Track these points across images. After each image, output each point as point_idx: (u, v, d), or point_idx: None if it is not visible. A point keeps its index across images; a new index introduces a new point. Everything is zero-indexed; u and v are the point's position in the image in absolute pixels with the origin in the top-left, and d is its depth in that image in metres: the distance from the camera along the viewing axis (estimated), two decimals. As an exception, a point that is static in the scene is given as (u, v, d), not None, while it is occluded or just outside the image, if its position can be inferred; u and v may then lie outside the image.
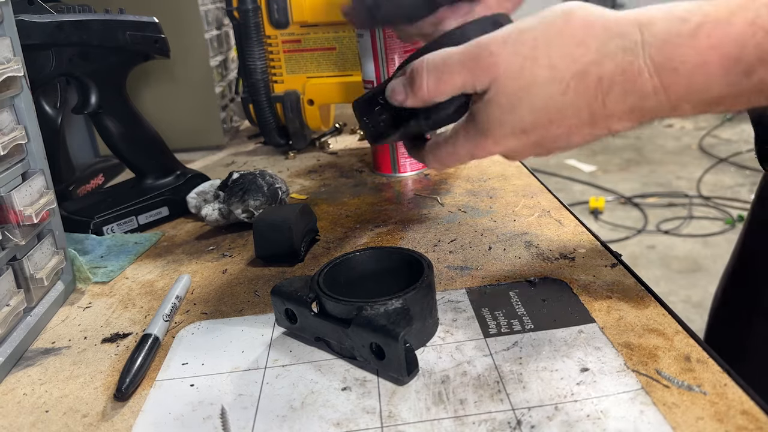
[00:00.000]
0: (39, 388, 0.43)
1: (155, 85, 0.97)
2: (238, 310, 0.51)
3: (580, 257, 0.54)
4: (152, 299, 0.55)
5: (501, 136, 0.41)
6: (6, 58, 0.48)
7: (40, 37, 0.62)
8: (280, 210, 0.61)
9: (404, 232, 0.63)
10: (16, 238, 0.48)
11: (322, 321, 0.43)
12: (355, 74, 0.89)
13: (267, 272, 0.57)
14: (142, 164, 0.75)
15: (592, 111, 0.38)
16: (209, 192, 0.69)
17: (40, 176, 0.52)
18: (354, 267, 0.48)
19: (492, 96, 0.40)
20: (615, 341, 0.41)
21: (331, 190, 0.78)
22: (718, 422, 0.34)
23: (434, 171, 0.48)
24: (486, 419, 0.35)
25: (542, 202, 0.66)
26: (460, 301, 0.48)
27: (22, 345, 0.48)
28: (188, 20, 0.93)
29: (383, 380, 0.40)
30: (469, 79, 0.40)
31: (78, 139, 0.95)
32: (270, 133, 0.93)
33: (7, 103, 0.50)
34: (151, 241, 0.67)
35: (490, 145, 0.42)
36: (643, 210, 3.12)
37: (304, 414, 0.38)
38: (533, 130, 0.40)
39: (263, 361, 0.44)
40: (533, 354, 0.41)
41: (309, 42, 0.89)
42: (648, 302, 0.46)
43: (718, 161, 3.62)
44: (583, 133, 0.40)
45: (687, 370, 0.38)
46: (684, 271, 2.53)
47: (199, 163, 0.95)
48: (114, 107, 0.71)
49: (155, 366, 0.44)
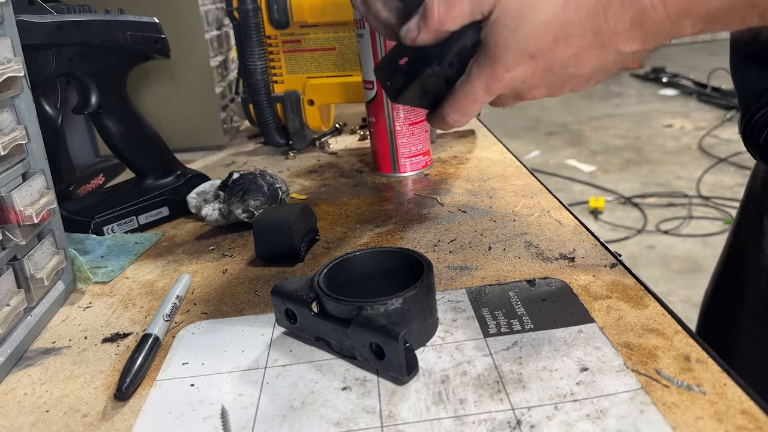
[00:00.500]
0: (39, 388, 0.43)
1: (155, 85, 0.97)
2: (238, 310, 0.51)
3: (580, 257, 0.54)
4: (152, 299, 0.55)
5: (510, 61, 0.42)
6: (6, 59, 0.49)
7: (40, 37, 0.62)
8: (280, 210, 0.61)
9: (404, 232, 0.63)
10: (17, 238, 0.48)
11: (322, 321, 0.43)
12: (355, 74, 0.89)
13: (267, 272, 0.57)
14: (142, 164, 0.75)
15: (595, 27, 0.39)
16: (209, 192, 0.69)
17: (40, 176, 0.52)
18: (354, 267, 0.48)
19: (496, 16, 0.41)
20: (615, 341, 0.41)
21: (331, 190, 0.78)
22: (718, 422, 0.34)
23: (458, 126, 0.48)
24: (486, 419, 0.36)
25: (542, 202, 0.66)
26: (460, 301, 0.48)
27: (23, 345, 0.48)
28: (188, 20, 0.93)
29: (383, 380, 0.40)
30: (475, 3, 0.41)
31: (78, 139, 0.95)
32: (270, 133, 0.93)
33: (7, 103, 0.50)
34: (152, 241, 0.67)
35: (501, 71, 0.42)
36: (642, 210, 3.12)
37: (304, 414, 0.38)
38: (540, 53, 0.41)
39: (263, 360, 0.44)
40: (533, 354, 0.41)
41: (309, 42, 0.89)
42: (647, 302, 0.46)
43: (717, 161, 3.62)
44: (592, 57, 0.41)
45: (686, 369, 0.38)
46: (683, 271, 2.53)
47: (200, 163, 0.95)
48: (114, 107, 0.71)
49: (155, 366, 0.44)
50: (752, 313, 0.70)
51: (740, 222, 0.76)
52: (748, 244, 0.72)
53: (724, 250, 0.78)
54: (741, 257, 0.74)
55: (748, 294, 0.71)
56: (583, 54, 0.41)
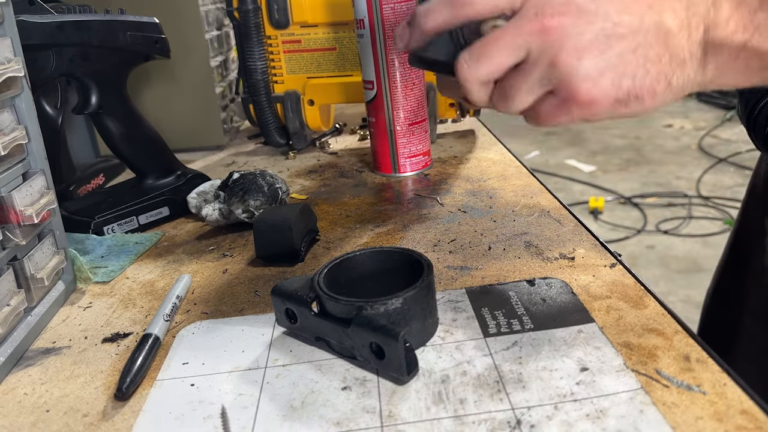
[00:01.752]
0: (39, 388, 0.43)
1: (155, 85, 0.97)
2: (238, 310, 0.51)
3: (580, 257, 0.54)
4: (153, 299, 0.55)
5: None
6: (6, 59, 0.49)
7: (40, 37, 0.62)
8: (280, 210, 0.61)
9: (404, 232, 0.63)
10: (17, 238, 0.48)
11: (322, 321, 0.43)
12: (355, 74, 0.89)
13: (267, 272, 0.57)
14: (142, 164, 0.75)
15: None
16: (210, 192, 0.69)
17: (40, 176, 0.52)
18: (354, 267, 0.48)
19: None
20: (614, 341, 0.41)
21: (331, 190, 0.78)
22: (718, 422, 0.34)
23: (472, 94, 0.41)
24: (486, 419, 0.36)
25: (542, 202, 0.66)
26: (460, 301, 0.48)
27: (23, 345, 0.48)
28: (188, 20, 0.93)
29: (383, 380, 0.40)
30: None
31: (78, 139, 0.95)
32: (270, 133, 0.93)
33: (7, 103, 0.50)
34: (152, 241, 0.67)
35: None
36: (642, 210, 3.12)
37: (304, 413, 0.38)
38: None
39: (263, 360, 0.44)
40: (533, 354, 0.41)
41: (309, 42, 0.89)
42: (647, 302, 0.46)
43: (717, 161, 3.62)
44: (635, 11, 0.36)
45: (686, 369, 0.38)
46: (683, 270, 2.53)
47: (200, 163, 0.95)
48: (114, 107, 0.71)
49: (156, 366, 0.44)
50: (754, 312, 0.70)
51: (742, 221, 0.76)
52: (751, 244, 0.72)
53: (725, 249, 0.78)
54: (743, 256, 0.74)
55: (750, 293, 0.71)
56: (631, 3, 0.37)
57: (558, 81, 0.38)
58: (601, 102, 0.37)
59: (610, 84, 0.37)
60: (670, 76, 0.37)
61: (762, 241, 0.69)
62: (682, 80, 0.38)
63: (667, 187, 3.37)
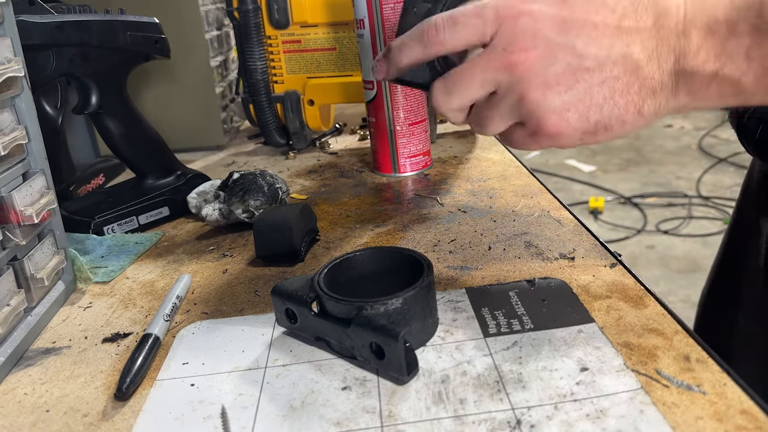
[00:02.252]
0: (39, 388, 0.43)
1: (155, 85, 0.97)
2: (238, 310, 0.51)
3: (580, 257, 0.54)
4: (153, 299, 0.55)
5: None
6: (6, 59, 0.49)
7: (40, 37, 0.62)
8: (280, 210, 0.61)
9: (404, 232, 0.63)
10: (17, 238, 0.48)
11: (322, 321, 0.43)
12: (355, 74, 0.89)
13: (267, 272, 0.57)
14: (142, 164, 0.75)
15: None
16: (210, 192, 0.70)
17: (40, 176, 0.52)
18: (354, 267, 0.48)
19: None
20: (614, 341, 0.41)
21: (331, 190, 0.78)
22: (718, 422, 0.34)
23: (451, 115, 0.43)
24: (486, 419, 0.36)
25: (542, 202, 0.66)
26: (460, 301, 0.48)
27: (23, 345, 0.48)
28: (188, 20, 0.93)
29: (383, 380, 0.40)
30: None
31: (78, 139, 0.95)
32: (270, 133, 0.93)
33: (7, 103, 0.50)
34: (152, 241, 0.67)
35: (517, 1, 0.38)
36: (642, 210, 3.12)
37: (304, 413, 0.38)
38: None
39: (263, 360, 0.44)
40: (533, 354, 0.41)
41: (309, 42, 0.89)
42: (647, 302, 0.46)
43: (717, 161, 3.62)
44: (605, 36, 0.37)
45: (686, 369, 0.38)
46: (683, 270, 2.53)
47: (200, 163, 0.95)
48: (114, 107, 0.71)
49: (156, 366, 0.44)
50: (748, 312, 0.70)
51: (736, 221, 0.76)
52: (745, 244, 0.72)
53: (720, 249, 0.78)
54: (737, 257, 0.74)
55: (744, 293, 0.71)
56: (598, 30, 0.37)
57: (526, 114, 0.39)
58: (569, 134, 0.39)
59: (577, 117, 0.38)
60: (640, 105, 0.38)
61: (756, 241, 0.69)
62: (654, 108, 0.38)
63: (667, 187, 3.38)
